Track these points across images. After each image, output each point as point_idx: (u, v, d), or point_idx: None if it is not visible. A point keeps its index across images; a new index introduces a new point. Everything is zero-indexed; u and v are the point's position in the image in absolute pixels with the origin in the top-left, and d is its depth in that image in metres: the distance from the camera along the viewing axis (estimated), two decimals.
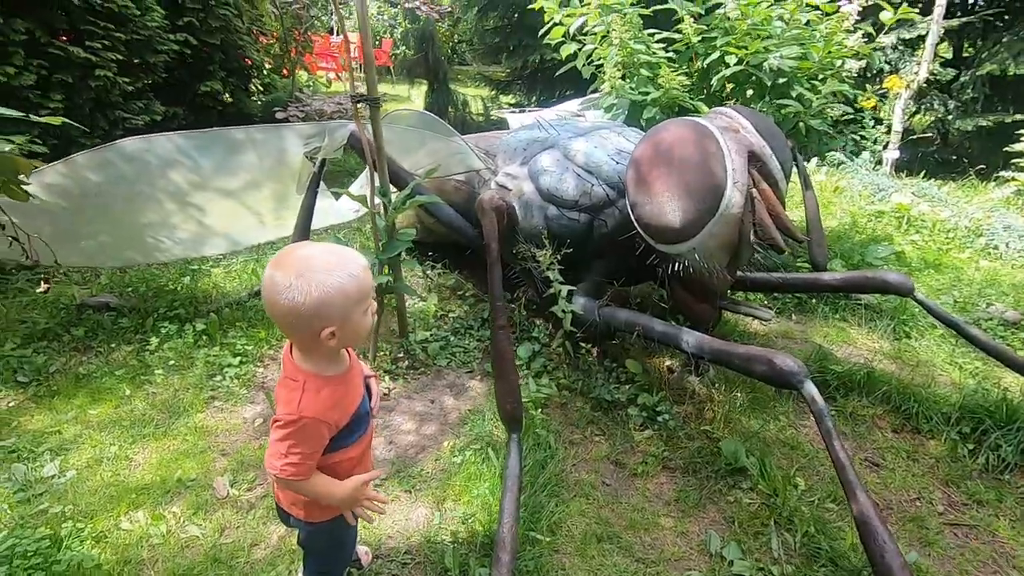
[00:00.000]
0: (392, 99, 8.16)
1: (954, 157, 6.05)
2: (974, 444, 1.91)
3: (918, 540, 1.62)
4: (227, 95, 4.98)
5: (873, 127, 5.15)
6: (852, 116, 2.90)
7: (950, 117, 5.89)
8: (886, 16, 2.90)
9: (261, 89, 5.77)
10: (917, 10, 3.00)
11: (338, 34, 11.86)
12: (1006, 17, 6.57)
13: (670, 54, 2.92)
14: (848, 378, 2.16)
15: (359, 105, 1.94)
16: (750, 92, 2.83)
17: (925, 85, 5.60)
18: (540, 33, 3.14)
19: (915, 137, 5.86)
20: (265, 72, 5.81)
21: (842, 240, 3.61)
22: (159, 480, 1.67)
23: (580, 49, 3.12)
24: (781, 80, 2.73)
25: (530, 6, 3.23)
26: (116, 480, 1.67)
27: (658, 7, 2.96)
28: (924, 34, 5.55)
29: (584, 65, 3.18)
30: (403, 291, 2.21)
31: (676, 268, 1.83)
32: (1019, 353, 2.45)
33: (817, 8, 2.85)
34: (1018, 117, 5.24)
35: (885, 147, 5.49)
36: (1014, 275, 3.26)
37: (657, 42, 2.92)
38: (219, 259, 2.97)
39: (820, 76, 2.74)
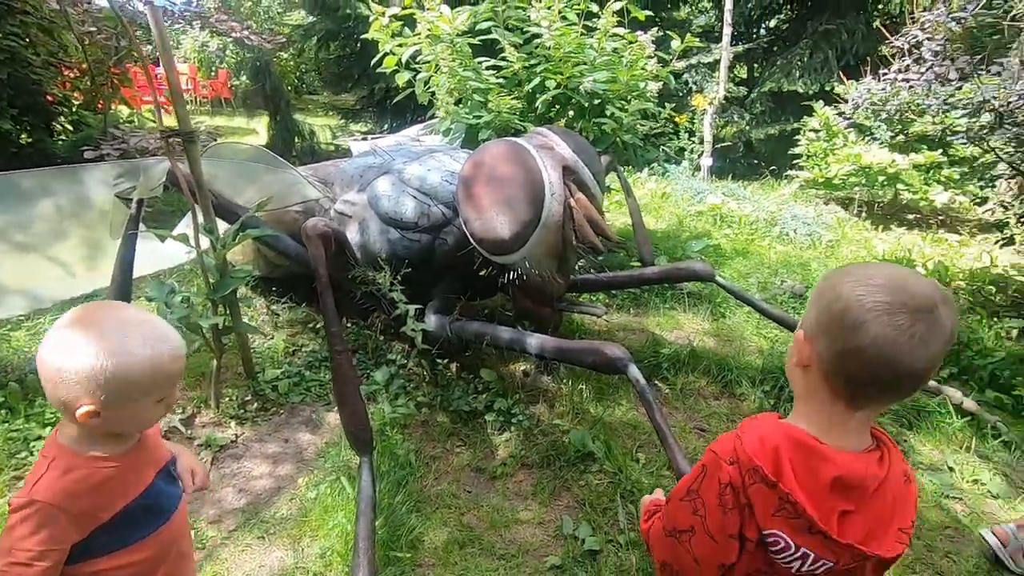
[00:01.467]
0: (231, 132, 7.69)
1: (755, 161, 7.10)
2: (774, 399, 2.26)
3: None
4: (23, 135, 4.37)
5: (688, 139, 5.89)
6: (660, 129, 3.29)
7: (747, 127, 6.92)
8: (676, 44, 3.36)
9: (69, 127, 5.14)
10: (698, 39, 3.51)
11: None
12: (781, 43, 7.90)
13: (500, 80, 3.12)
14: (676, 358, 2.44)
15: (171, 141, 1.84)
16: (571, 113, 3.11)
17: (725, 101, 6.53)
18: (372, 63, 3.20)
19: (722, 145, 6.79)
20: (73, 109, 5.19)
21: (670, 239, 4.08)
22: None
23: (415, 77, 3.23)
24: (596, 101, 3.05)
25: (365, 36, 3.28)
26: None
27: (484, 36, 3.16)
28: (719, 59, 6.48)
29: (422, 92, 3.29)
30: (245, 330, 2.11)
31: (512, 277, 1.96)
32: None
33: (622, 37, 3.23)
34: (796, 125, 6.28)
35: (700, 156, 6.30)
36: (801, 255, 3.91)
37: (487, 69, 3.11)
38: (21, 320, 2.60)
39: (628, 97, 3.09)
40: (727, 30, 5.93)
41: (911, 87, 3.01)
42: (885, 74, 3.34)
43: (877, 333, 0.62)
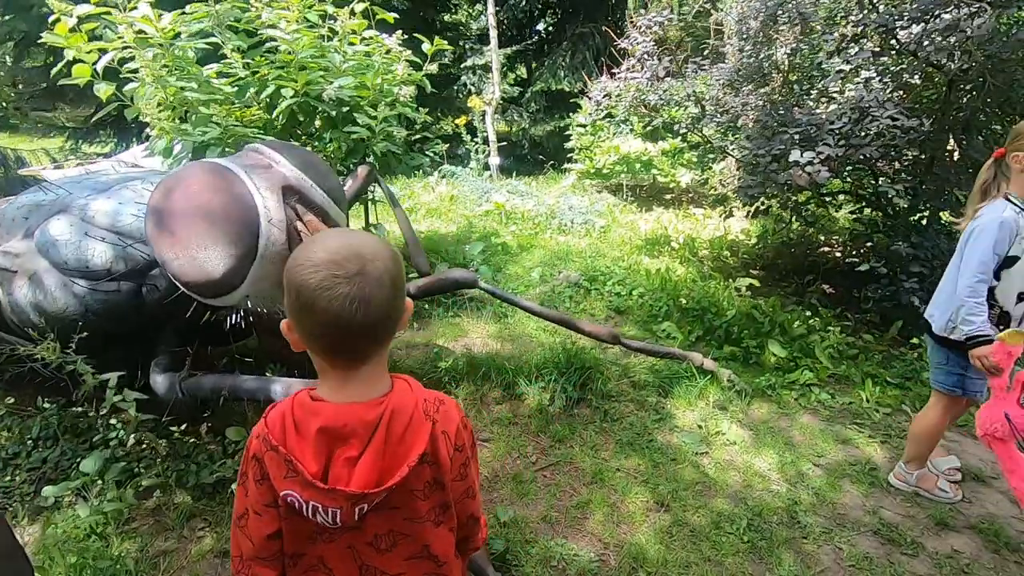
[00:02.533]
0: None
1: (541, 157, 7.53)
2: (551, 393, 2.30)
3: (516, 494, 1.85)
4: None
5: (472, 140, 5.99)
6: (423, 135, 3.22)
7: (528, 126, 7.30)
8: (426, 47, 3.30)
9: None
10: (447, 43, 3.49)
11: None
12: (548, 45, 8.48)
13: (232, 90, 2.75)
14: (454, 370, 2.37)
15: None
16: (319, 123, 2.87)
17: (503, 102, 6.79)
18: (52, 73, 2.59)
19: (506, 144, 7.08)
20: None
21: (460, 241, 4.05)
22: None
23: (119, 89, 2.69)
24: (345, 109, 2.84)
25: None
26: None
27: (206, 41, 2.75)
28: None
29: (135, 107, 2.76)
30: None
31: (239, 319, 1.69)
32: (580, 305, 3.11)
33: (373, 40, 3.06)
34: (568, 121, 6.77)
35: (488, 156, 6.46)
36: (578, 244, 4.17)
37: (217, 77, 2.72)
38: None
39: (379, 103, 2.94)
40: (493, 33, 6.14)
41: (637, 84, 3.36)
42: (617, 73, 3.68)
43: (324, 308, 0.66)
